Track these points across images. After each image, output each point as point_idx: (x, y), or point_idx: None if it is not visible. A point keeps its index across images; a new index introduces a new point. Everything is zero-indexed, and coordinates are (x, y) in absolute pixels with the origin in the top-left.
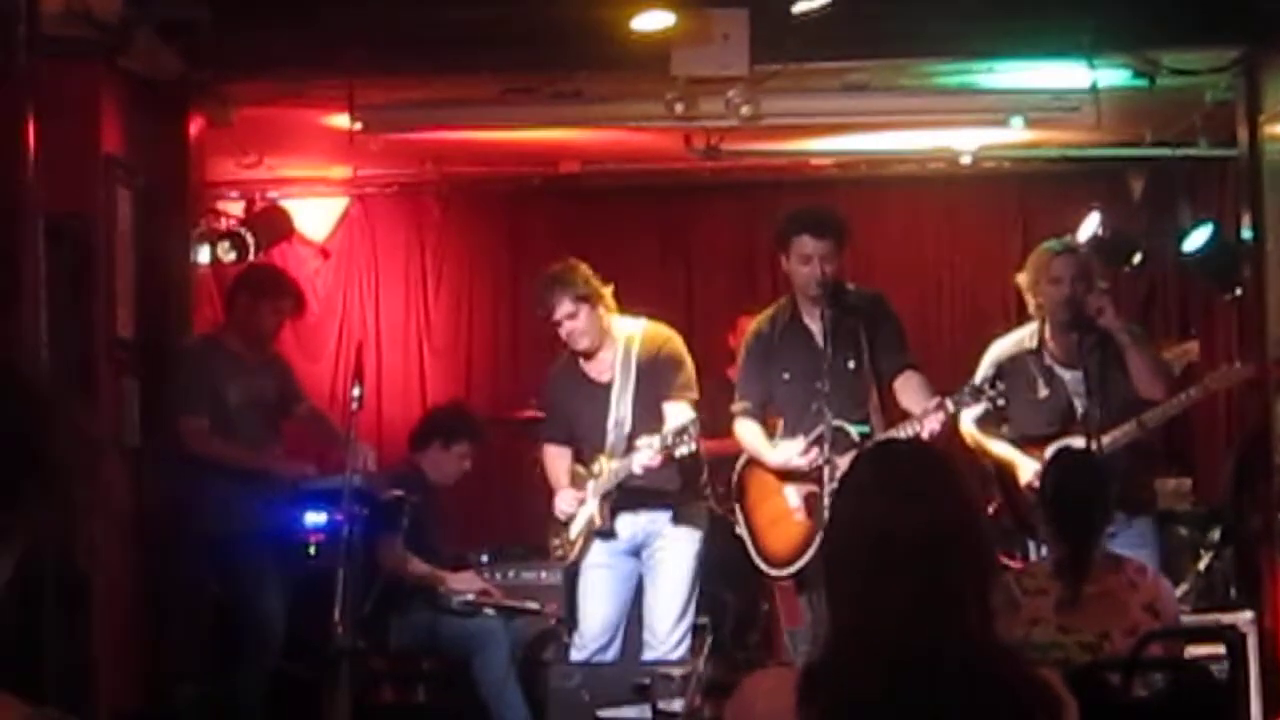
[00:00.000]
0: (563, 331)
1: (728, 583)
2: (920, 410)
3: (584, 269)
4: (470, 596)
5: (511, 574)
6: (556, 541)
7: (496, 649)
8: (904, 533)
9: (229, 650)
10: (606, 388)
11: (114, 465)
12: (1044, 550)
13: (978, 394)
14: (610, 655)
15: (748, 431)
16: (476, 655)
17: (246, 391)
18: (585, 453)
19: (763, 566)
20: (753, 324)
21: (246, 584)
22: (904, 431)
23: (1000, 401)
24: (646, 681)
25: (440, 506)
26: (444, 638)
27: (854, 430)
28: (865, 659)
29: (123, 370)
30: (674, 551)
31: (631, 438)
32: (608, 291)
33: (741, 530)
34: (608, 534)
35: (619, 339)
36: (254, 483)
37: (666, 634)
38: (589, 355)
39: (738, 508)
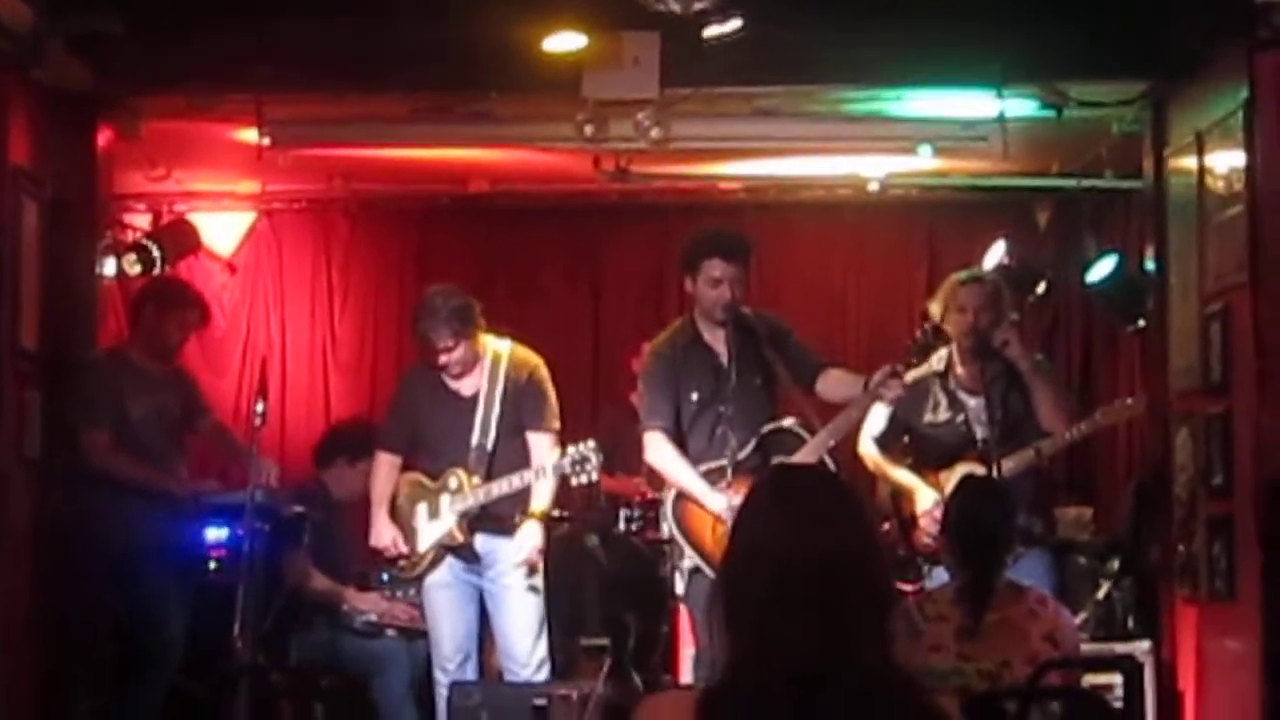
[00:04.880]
0: (439, 359)
1: (629, 604)
2: (871, 383)
3: (463, 298)
4: (373, 617)
5: (412, 592)
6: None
7: (397, 670)
8: (804, 559)
9: (127, 667)
10: (471, 401)
11: (15, 479)
12: (935, 574)
13: (924, 349)
14: (469, 673)
15: (666, 450)
16: (377, 676)
17: (151, 405)
18: (432, 465)
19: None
20: (651, 345)
21: (147, 601)
22: (858, 408)
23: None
24: (544, 702)
25: (344, 523)
26: (345, 656)
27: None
28: (764, 684)
29: (25, 382)
30: (518, 572)
31: (493, 456)
32: (479, 315)
33: (693, 557)
34: (465, 553)
35: (485, 355)
36: (155, 498)
37: (527, 655)
38: (457, 377)
39: (681, 538)
